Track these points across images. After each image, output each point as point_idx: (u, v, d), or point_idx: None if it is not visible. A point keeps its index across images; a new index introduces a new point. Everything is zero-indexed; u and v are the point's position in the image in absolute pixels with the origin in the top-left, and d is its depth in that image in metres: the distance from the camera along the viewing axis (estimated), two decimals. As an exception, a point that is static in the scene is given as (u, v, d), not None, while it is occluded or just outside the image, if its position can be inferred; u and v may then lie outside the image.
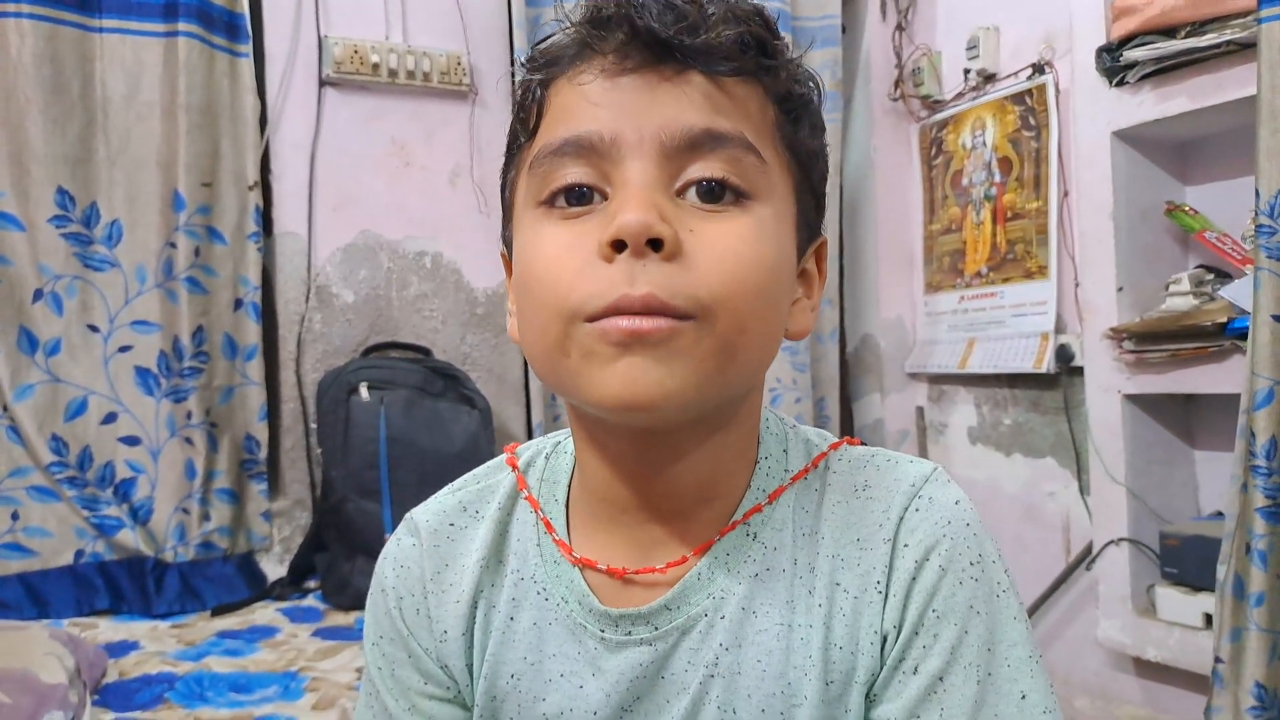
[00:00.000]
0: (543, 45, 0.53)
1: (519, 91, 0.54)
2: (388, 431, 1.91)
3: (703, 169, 0.49)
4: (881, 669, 0.53)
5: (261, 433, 2.03)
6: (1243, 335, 1.43)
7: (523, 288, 0.52)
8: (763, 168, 0.50)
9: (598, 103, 0.49)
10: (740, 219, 0.49)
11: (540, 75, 0.52)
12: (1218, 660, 1.37)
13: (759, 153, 0.50)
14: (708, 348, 0.47)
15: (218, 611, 1.82)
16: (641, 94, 0.48)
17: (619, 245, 0.46)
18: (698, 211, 0.49)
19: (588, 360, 0.47)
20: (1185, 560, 1.69)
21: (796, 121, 0.53)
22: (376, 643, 0.60)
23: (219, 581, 1.92)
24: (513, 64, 2.22)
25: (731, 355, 0.48)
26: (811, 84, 0.55)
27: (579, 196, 0.49)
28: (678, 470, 0.54)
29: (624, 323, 0.46)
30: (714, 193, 0.49)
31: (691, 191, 0.49)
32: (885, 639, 0.53)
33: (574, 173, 0.49)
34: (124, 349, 1.91)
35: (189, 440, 1.94)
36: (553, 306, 0.48)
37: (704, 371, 0.47)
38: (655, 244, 0.46)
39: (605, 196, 0.49)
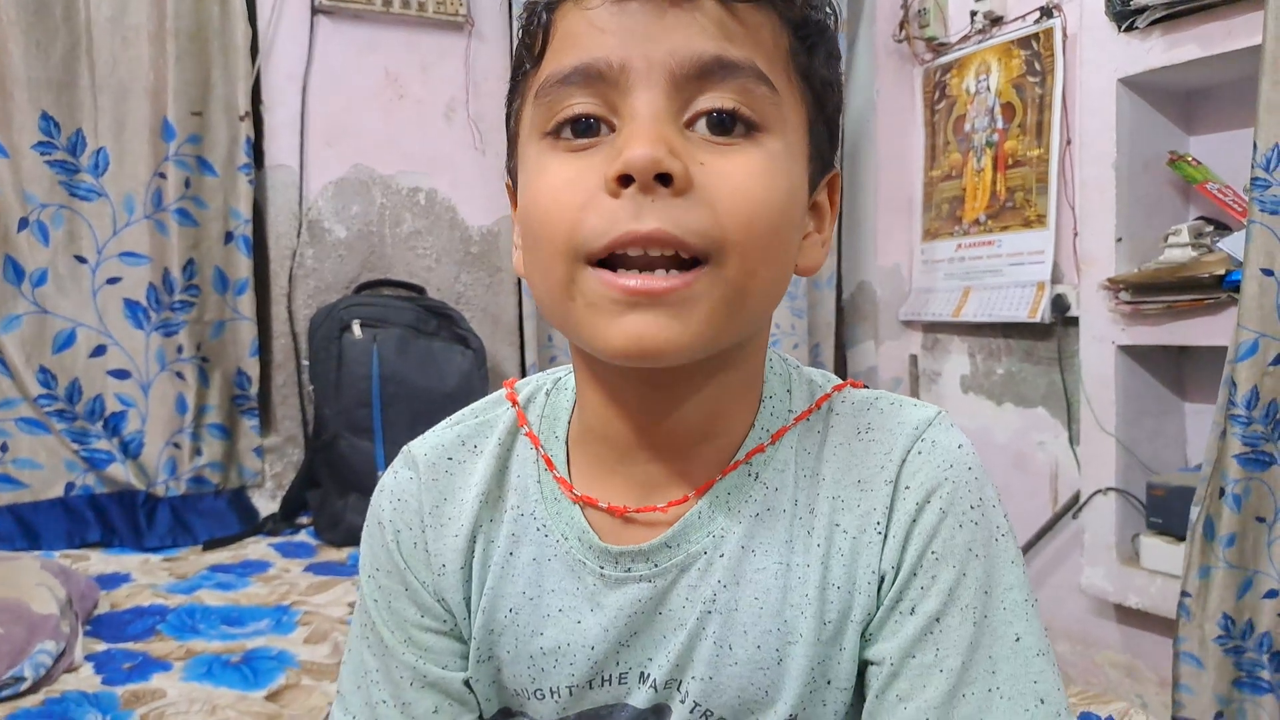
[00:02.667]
0: None
1: (524, 15, 0.52)
2: (380, 369, 1.91)
3: (713, 99, 0.47)
4: (878, 609, 0.54)
5: (253, 368, 2.02)
6: (1239, 288, 1.43)
7: (526, 222, 0.50)
8: (775, 99, 0.48)
9: (605, 29, 0.47)
10: (751, 153, 0.47)
11: None
12: (1185, 595, 1.42)
13: (771, 83, 0.48)
14: (719, 295, 0.46)
15: (209, 546, 1.83)
16: (651, 20, 0.46)
17: (625, 180, 0.45)
18: (707, 144, 0.47)
19: (592, 310, 0.46)
20: (1171, 510, 1.71)
21: (812, 49, 0.51)
22: (373, 575, 0.60)
23: (210, 516, 1.93)
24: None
25: (743, 300, 0.47)
26: (828, 10, 0.52)
27: (585, 128, 0.48)
28: (682, 411, 0.53)
29: (632, 282, 0.45)
30: (724, 125, 0.47)
31: (701, 123, 0.47)
32: (883, 579, 0.54)
33: (580, 103, 0.47)
34: (112, 281, 1.89)
35: (180, 375, 1.93)
36: (556, 243, 0.47)
37: (716, 320, 0.46)
38: (664, 179, 0.45)
39: (613, 128, 0.47)
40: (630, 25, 0.46)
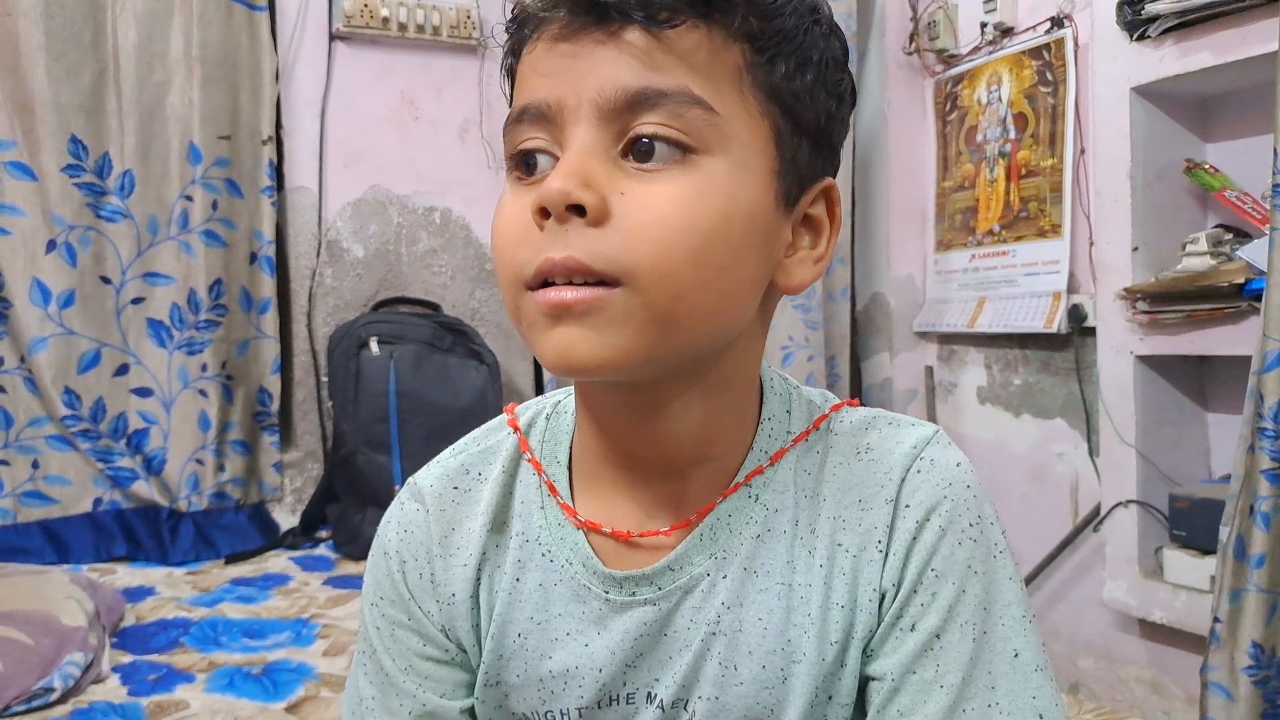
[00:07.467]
0: (515, 13, 0.53)
1: (503, 59, 0.56)
2: (397, 385, 1.93)
3: (641, 127, 0.48)
4: (879, 626, 0.54)
5: (274, 385, 2.05)
6: (1260, 296, 1.41)
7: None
8: (711, 119, 0.48)
9: (545, 72, 0.49)
10: (678, 179, 0.47)
11: (511, 44, 0.54)
12: (1215, 620, 1.38)
13: (706, 104, 0.47)
14: (642, 317, 0.46)
15: (231, 559, 1.86)
16: (579, 59, 0.48)
17: (547, 212, 0.47)
18: (637, 172, 0.48)
19: (531, 329, 0.49)
20: (1194, 523, 1.68)
21: (772, 60, 0.50)
22: (376, 603, 0.60)
23: (232, 530, 1.95)
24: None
25: (672, 323, 0.47)
26: (794, 19, 0.50)
27: (532, 163, 0.50)
28: (670, 433, 0.54)
29: (552, 294, 0.47)
30: (647, 151, 0.47)
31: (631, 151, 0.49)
32: (884, 597, 0.54)
33: (529, 138, 0.50)
34: (136, 301, 1.92)
35: (202, 392, 1.96)
36: (504, 273, 0.50)
37: (643, 340, 0.47)
38: (579, 210, 0.46)
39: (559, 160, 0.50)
40: (563, 65, 0.49)
